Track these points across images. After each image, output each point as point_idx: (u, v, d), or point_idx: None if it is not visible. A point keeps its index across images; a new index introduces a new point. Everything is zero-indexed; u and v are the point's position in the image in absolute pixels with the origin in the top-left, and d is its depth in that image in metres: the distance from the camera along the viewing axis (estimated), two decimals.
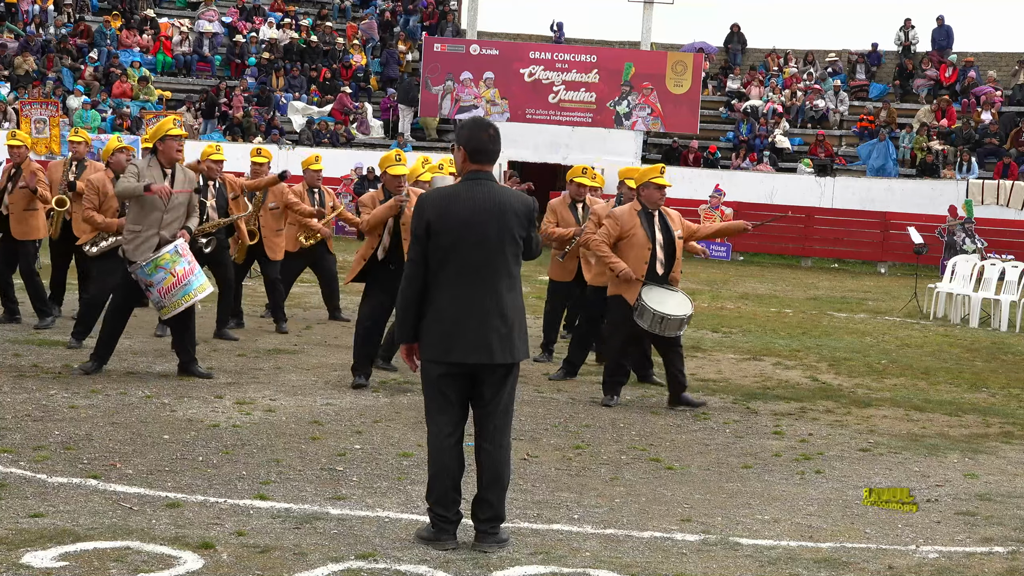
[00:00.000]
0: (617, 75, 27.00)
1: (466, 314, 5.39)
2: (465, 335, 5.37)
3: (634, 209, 8.97)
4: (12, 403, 7.88)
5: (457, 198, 5.47)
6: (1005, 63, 29.69)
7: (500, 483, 5.48)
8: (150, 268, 8.73)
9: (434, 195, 5.57)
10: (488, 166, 5.57)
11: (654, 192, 8.93)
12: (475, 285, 5.41)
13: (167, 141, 8.92)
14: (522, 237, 5.52)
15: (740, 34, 31.44)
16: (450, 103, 26.93)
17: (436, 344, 5.43)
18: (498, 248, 5.44)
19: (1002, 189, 24.51)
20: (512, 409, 5.60)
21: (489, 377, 5.45)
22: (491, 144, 5.54)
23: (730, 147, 27.58)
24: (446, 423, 5.47)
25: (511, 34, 32.51)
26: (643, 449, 7.67)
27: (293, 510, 5.88)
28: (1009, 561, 5.63)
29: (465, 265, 5.41)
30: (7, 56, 27.59)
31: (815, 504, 6.53)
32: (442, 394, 5.47)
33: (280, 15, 30.65)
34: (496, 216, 5.43)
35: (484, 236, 5.41)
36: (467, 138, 5.56)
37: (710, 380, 10.38)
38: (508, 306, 5.45)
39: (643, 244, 8.87)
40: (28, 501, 5.77)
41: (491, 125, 5.64)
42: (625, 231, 8.89)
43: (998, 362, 12.35)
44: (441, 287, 5.44)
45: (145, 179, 8.76)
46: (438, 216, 5.43)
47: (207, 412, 7.98)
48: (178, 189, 8.89)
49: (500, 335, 5.40)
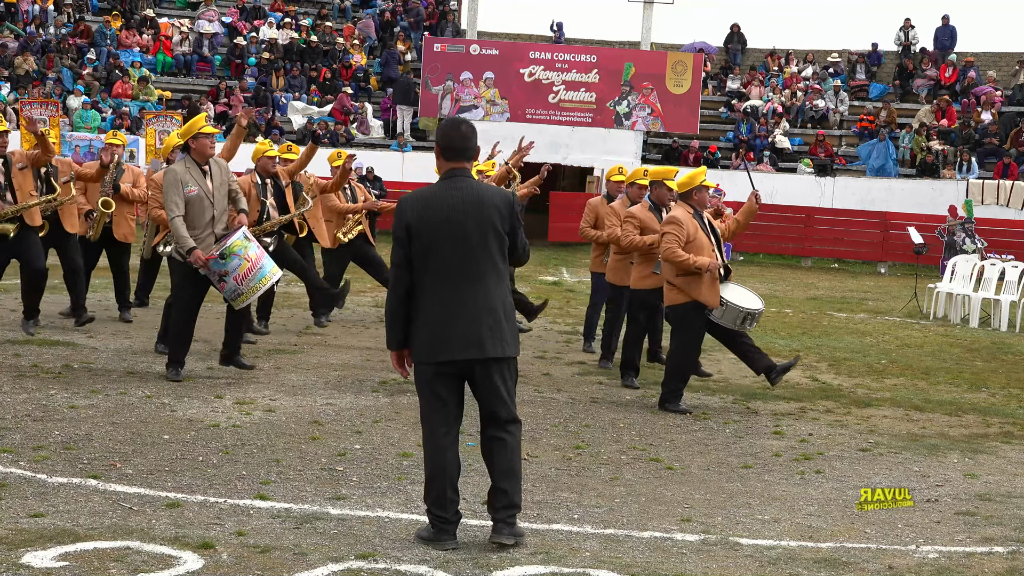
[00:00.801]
0: (617, 75, 26.99)
1: (454, 312, 5.38)
2: (454, 333, 5.37)
3: (687, 212, 8.92)
4: (12, 403, 7.89)
5: (434, 198, 5.47)
6: (1005, 63, 29.69)
7: (514, 471, 5.48)
8: (227, 256, 8.63)
9: (412, 197, 5.57)
10: (464, 163, 5.55)
11: (705, 194, 9.05)
12: (460, 283, 5.41)
13: (200, 139, 8.89)
14: (506, 231, 5.49)
15: (740, 34, 31.44)
16: (450, 103, 26.91)
17: (426, 345, 5.43)
18: (480, 243, 5.42)
19: (1002, 189, 24.51)
20: (514, 401, 5.57)
21: (486, 371, 5.44)
22: (463, 141, 5.53)
23: (730, 147, 27.58)
24: (441, 424, 5.47)
25: (511, 34, 32.51)
26: (643, 449, 7.68)
27: (293, 510, 5.88)
28: (1009, 561, 5.63)
29: (448, 264, 5.40)
30: (7, 56, 27.58)
31: (815, 504, 6.53)
32: (436, 395, 5.47)
33: (280, 15, 30.64)
34: (475, 212, 5.42)
35: (464, 233, 5.40)
36: (440, 136, 5.58)
37: (710, 380, 10.38)
38: (496, 300, 5.44)
39: (708, 245, 8.85)
40: (28, 501, 5.77)
41: (464, 122, 5.64)
42: (691, 235, 8.80)
43: (998, 362, 12.35)
44: (426, 288, 5.43)
45: (187, 183, 8.75)
46: (417, 218, 5.43)
47: (207, 412, 7.98)
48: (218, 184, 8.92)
49: (490, 329, 5.40)
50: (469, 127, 5.61)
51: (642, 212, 10.01)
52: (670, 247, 8.78)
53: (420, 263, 5.43)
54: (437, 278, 5.41)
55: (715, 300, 8.80)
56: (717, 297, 8.81)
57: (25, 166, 10.19)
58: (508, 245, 5.53)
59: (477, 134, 5.63)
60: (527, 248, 5.73)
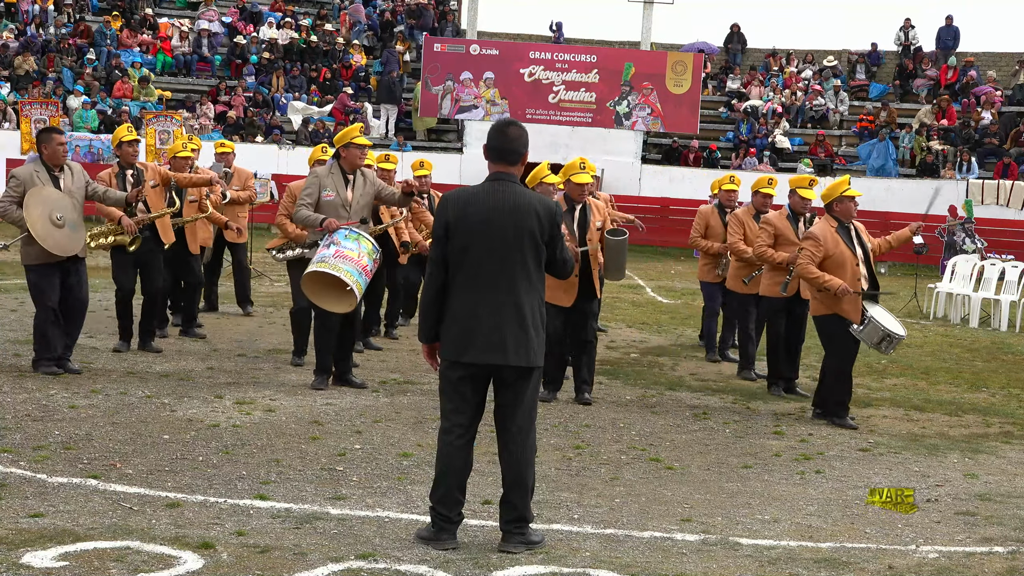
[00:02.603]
0: (617, 75, 26.99)
1: (481, 315, 5.35)
2: (481, 335, 5.35)
3: (830, 225, 8.66)
4: (12, 403, 7.88)
5: (476, 198, 5.43)
6: (1005, 63, 29.70)
7: (523, 485, 5.45)
8: (352, 236, 8.40)
9: (455, 196, 5.52)
10: (511, 167, 5.47)
11: (849, 205, 8.70)
12: (492, 286, 5.37)
13: (351, 148, 8.75)
14: (544, 241, 5.44)
15: (740, 34, 31.45)
16: (450, 103, 26.92)
17: (453, 344, 5.41)
18: (516, 249, 5.37)
19: (1002, 189, 24.52)
20: (535, 411, 5.56)
21: (508, 378, 5.42)
22: (511, 144, 5.46)
23: (730, 147, 27.59)
24: (459, 423, 5.45)
25: (511, 34, 32.52)
26: (643, 449, 7.67)
27: (293, 510, 5.88)
28: (1009, 561, 5.63)
29: (481, 266, 5.37)
30: (7, 56, 27.58)
31: (815, 504, 6.53)
32: (459, 394, 5.45)
33: (280, 15, 30.64)
34: (513, 217, 5.36)
35: (502, 237, 5.36)
36: (489, 138, 5.52)
37: (710, 380, 10.38)
38: (525, 308, 5.39)
39: (850, 260, 8.59)
40: (28, 501, 5.77)
41: (512, 124, 5.55)
42: (830, 251, 8.58)
43: (998, 362, 12.35)
44: (459, 288, 5.41)
45: (326, 187, 8.66)
46: (457, 217, 5.40)
47: (207, 412, 7.98)
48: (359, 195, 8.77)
49: (516, 337, 5.36)
50: (517, 130, 5.51)
51: (779, 220, 9.80)
52: (804, 264, 8.61)
53: (455, 262, 5.41)
54: (469, 279, 5.39)
55: (856, 315, 8.54)
56: (859, 311, 8.54)
57: (157, 184, 10.04)
58: (547, 255, 5.49)
59: (527, 136, 5.53)
60: (569, 262, 5.65)
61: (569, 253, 5.69)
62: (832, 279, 8.50)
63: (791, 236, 9.67)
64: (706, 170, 26.27)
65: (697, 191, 24.78)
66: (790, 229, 9.73)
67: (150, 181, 9.96)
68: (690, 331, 13.38)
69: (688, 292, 17.68)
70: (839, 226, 8.69)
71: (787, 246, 9.65)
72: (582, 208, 9.06)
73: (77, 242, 8.87)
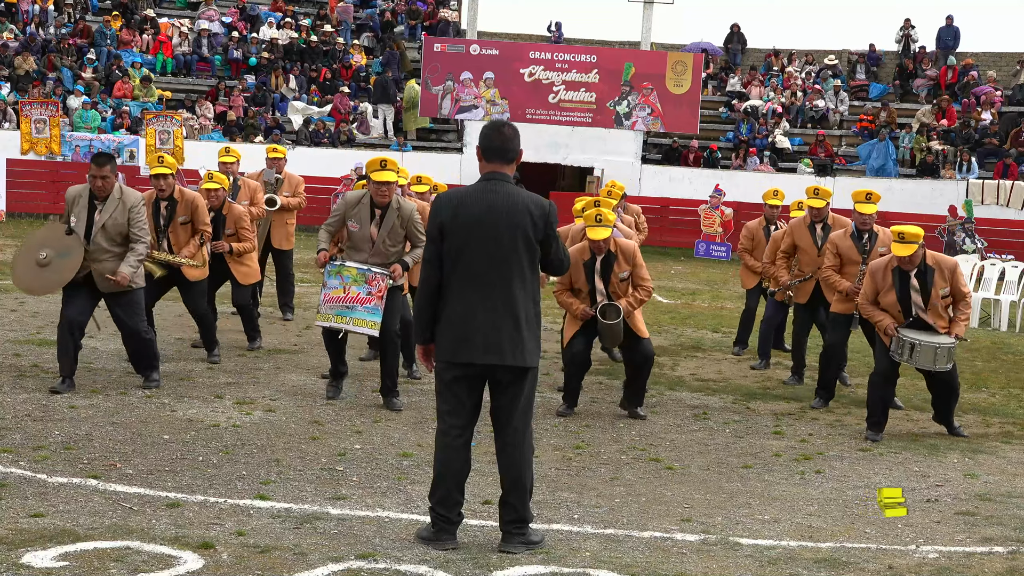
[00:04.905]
0: (617, 75, 26.98)
1: (476, 315, 5.35)
2: (476, 336, 5.35)
3: (889, 267, 8.31)
4: (12, 403, 7.89)
5: (469, 198, 5.43)
6: (1005, 63, 29.69)
7: (521, 486, 5.45)
8: (333, 270, 8.31)
9: (448, 196, 5.53)
10: (503, 166, 5.48)
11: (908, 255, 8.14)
12: (487, 286, 5.37)
13: (374, 184, 8.40)
14: (538, 240, 5.44)
15: (740, 34, 31.44)
16: (450, 103, 26.92)
17: (449, 345, 5.41)
18: (510, 248, 5.37)
19: (1002, 189, 24.51)
20: (532, 412, 5.56)
21: (503, 379, 5.42)
22: (504, 143, 5.46)
23: (730, 147, 27.59)
24: (456, 423, 5.46)
25: (511, 34, 32.51)
26: (643, 449, 7.68)
27: (293, 510, 5.88)
28: (1009, 561, 5.63)
29: (475, 266, 5.37)
30: (7, 56, 27.58)
31: (815, 504, 6.53)
32: (455, 395, 5.45)
33: (280, 15, 30.64)
34: (508, 216, 5.37)
35: (495, 236, 5.36)
36: (481, 137, 5.52)
37: (710, 380, 10.38)
38: (520, 308, 5.39)
39: (892, 305, 8.31)
40: (28, 501, 5.77)
41: (506, 124, 5.56)
42: (878, 286, 8.37)
43: (998, 362, 12.35)
44: (454, 288, 5.41)
45: (351, 218, 8.40)
46: (451, 217, 5.40)
47: (207, 412, 7.98)
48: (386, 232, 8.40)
49: (511, 337, 5.36)
50: (511, 129, 5.52)
51: (843, 240, 9.41)
52: (863, 305, 8.48)
53: (450, 262, 5.41)
54: (463, 279, 5.39)
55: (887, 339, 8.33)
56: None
57: (188, 220, 9.58)
58: (541, 254, 5.49)
59: (519, 137, 5.54)
60: (564, 260, 5.64)
61: (565, 252, 5.68)
62: (882, 321, 8.30)
63: (853, 255, 9.33)
64: (706, 170, 26.27)
65: (697, 191, 24.77)
66: (853, 249, 9.34)
67: (180, 217, 9.55)
68: (690, 331, 13.39)
69: (688, 292, 17.69)
70: (896, 268, 8.28)
71: (850, 266, 9.35)
72: (604, 258, 8.56)
73: (68, 269, 8.25)
